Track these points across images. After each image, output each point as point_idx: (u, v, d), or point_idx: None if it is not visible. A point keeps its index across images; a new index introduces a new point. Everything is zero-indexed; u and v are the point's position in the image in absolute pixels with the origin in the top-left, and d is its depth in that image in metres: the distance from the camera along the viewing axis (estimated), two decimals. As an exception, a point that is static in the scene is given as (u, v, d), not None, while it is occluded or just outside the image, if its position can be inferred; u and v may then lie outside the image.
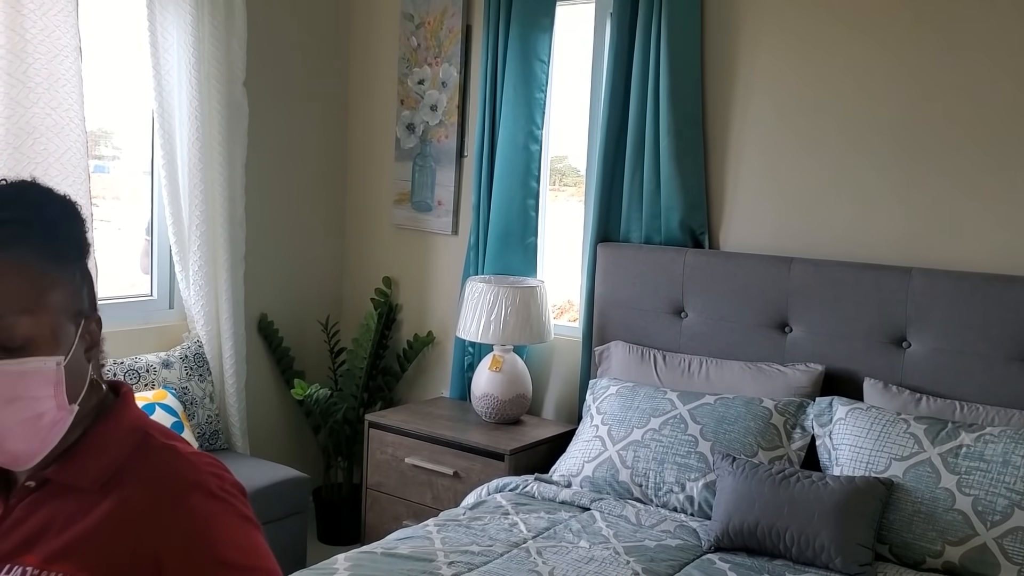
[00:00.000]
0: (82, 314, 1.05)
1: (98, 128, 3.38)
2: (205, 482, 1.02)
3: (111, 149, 3.48)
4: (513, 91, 3.36)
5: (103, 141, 3.46)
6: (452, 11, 3.61)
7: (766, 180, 3.01)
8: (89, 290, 1.08)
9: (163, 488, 1.01)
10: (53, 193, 1.06)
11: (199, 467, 1.04)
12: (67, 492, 1.03)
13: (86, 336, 1.05)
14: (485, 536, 2.43)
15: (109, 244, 3.33)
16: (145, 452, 1.05)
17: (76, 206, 1.07)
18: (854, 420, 2.56)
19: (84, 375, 1.05)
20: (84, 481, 1.02)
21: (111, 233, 3.44)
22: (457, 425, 3.21)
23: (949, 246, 2.72)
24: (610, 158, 3.19)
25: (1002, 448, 2.33)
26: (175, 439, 1.09)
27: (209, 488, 1.02)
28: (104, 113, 3.31)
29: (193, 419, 3.21)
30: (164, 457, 1.04)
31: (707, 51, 3.07)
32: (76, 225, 1.07)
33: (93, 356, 1.07)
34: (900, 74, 2.77)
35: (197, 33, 3.22)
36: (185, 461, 1.04)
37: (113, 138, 3.47)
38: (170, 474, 1.02)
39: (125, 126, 3.45)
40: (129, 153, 3.51)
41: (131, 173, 3.54)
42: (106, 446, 1.05)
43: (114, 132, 3.45)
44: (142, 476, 1.02)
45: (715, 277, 2.98)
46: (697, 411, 2.74)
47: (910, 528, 2.32)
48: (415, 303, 3.82)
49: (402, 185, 3.80)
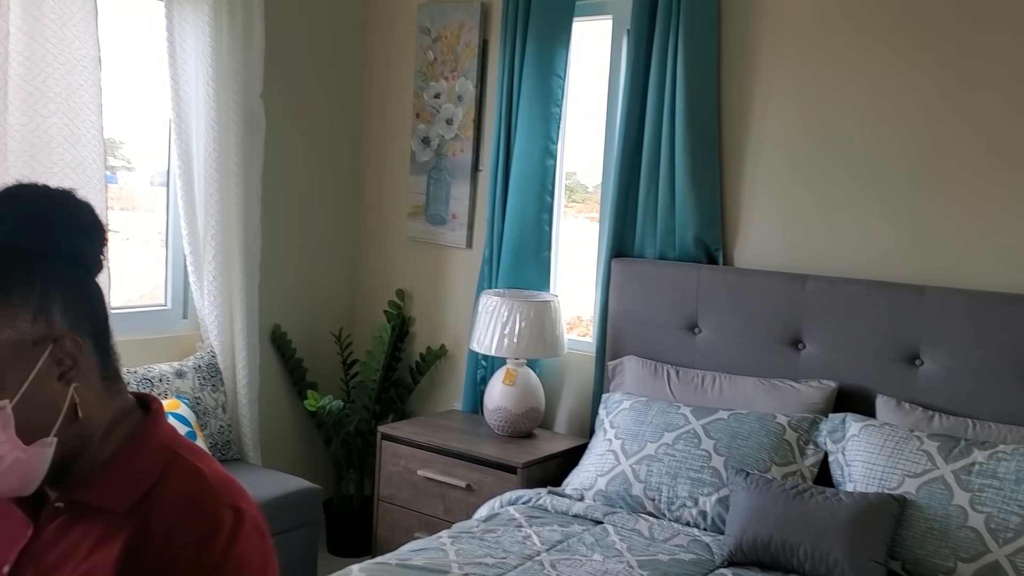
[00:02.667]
0: (48, 339, 0.97)
1: (108, 138, 3.41)
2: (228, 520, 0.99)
3: (120, 160, 3.50)
4: (529, 106, 3.39)
5: (113, 151, 3.49)
6: (469, 25, 3.64)
7: (781, 197, 3.03)
8: (66, 306, 0.99)
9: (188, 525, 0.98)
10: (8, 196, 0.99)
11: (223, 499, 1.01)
12: (96, 513, 1.01)
13: (59, 361, 0.98)
14: (499, 548, 2.44)
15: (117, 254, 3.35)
16: (173, 476, 1.02)
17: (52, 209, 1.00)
18: (867, 437, 2.56)
19: (58, 403, 0.99)
20: (112, 504, 1.00)
21: (119, 243, 3.46)
22: (469, 438, 3.22)
23: (964, 265, 2.73)
24: (625, 173, 3.21)
25: (1015, 466, 2.34)
26: (203, 459, 1.06)
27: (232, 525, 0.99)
28: (116, 123, 3.33)
29: (206, 429, 3.23)
30: (190, 486, 1.01)
31: (724, 68, 3.10)
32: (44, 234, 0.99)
33: (78, 378, 1.00)
34: (917, 93, 2.79)
35: (215, 44, 3.25)
36: (211, 492, 1.01)
37: (123, 149, 3.50)
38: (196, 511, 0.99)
39: (137, 136, 3.48)
40: (140, 163, 3.54)
41: (141, 183, 3.56)
42: (135, 468, 1.02)
43: (124, 142, 3.48)
44: (168, 504, 1.00)
45: (729, 293, 2.99)
46: (711, 426, 2.75)
47: (923, 545, 2.33)
48: (428, 316, 3.84)
49: (417, 198, 3.82)
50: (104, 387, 1.04)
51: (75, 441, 1.01)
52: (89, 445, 1.03)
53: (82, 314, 1.01)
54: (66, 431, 1.00)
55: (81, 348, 1.00)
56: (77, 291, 1.02)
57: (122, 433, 1.05)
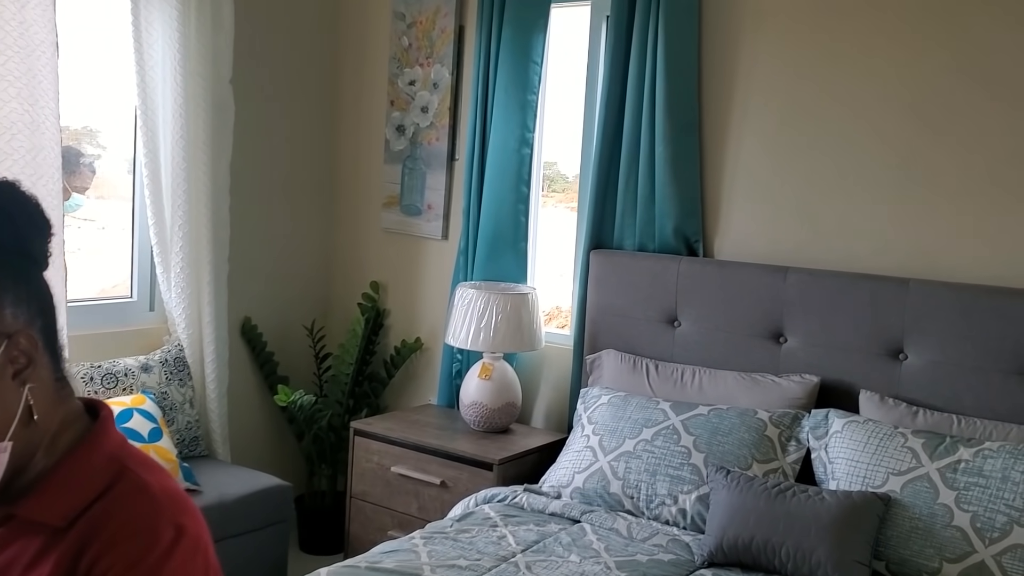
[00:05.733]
0: (1, 335, 0.92)
1: (83, 126, 3.31)
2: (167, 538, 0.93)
3: (96, 147, 3.39)
4: (505, 94, 3.31)
5: (89, 139, 3.37)
6: (445, 11, 3.55)
7: (762, 188, 2.97)
8: (18, 301, 0.93)
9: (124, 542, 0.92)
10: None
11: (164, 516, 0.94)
12: (37, 527, 0.95)
13: (13, 359, 0.92)
14: (473, 550, 2.36)
15: (93, 243, 3.25)
16: (118, 490, 0.96)
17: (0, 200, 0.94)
18: (850, 433, 2.50)
19: (12, 405, 0.93)
20: (52, 519, 0.94)
21: (94, 232, 3.35)
22: (444, 433, 3.14)
23: (948, 258, 2.68)
24: (604, 163, 3.14)
25: (1001, 463, 2.29)
26: (152, 471, 1.00)
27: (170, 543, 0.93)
28: (89, 110, 3.22)
29: (172, 425, 3.13)
30: (133, 501, 0.95)
31: (704, 56, 3.03)
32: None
33: (32, 377, 0.94)
34: (900, 84, 2.73)
35: (183, 29, 3.14)
36: (154, 508, 0.95)
37: (99, 136, 3.39)
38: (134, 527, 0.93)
39: (110, 123, 3.37)
40: (113, 151, 3.43)
41: (115, 171, 3.45)
42: (78, 480, 0.96)
43: (100, 130, 3.37)
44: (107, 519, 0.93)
45: (709, 286, 2.93)
46: (690, 422, 2.68)
47: (908, 545, 2.27)
48: (403, 308, 3.75)
49: (391, 188, 3.73)
50: (55, 389, 0.98)
51: (26, 447, 0.95)
52: (37, 452, 0.97)
53: (34, 310, 0.95)
54: (20, 435, 0.93)
55: (36, 346, 0.94)
56: (28, 286, 0.95)
57: (68, 440, 0.99)
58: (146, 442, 2.85)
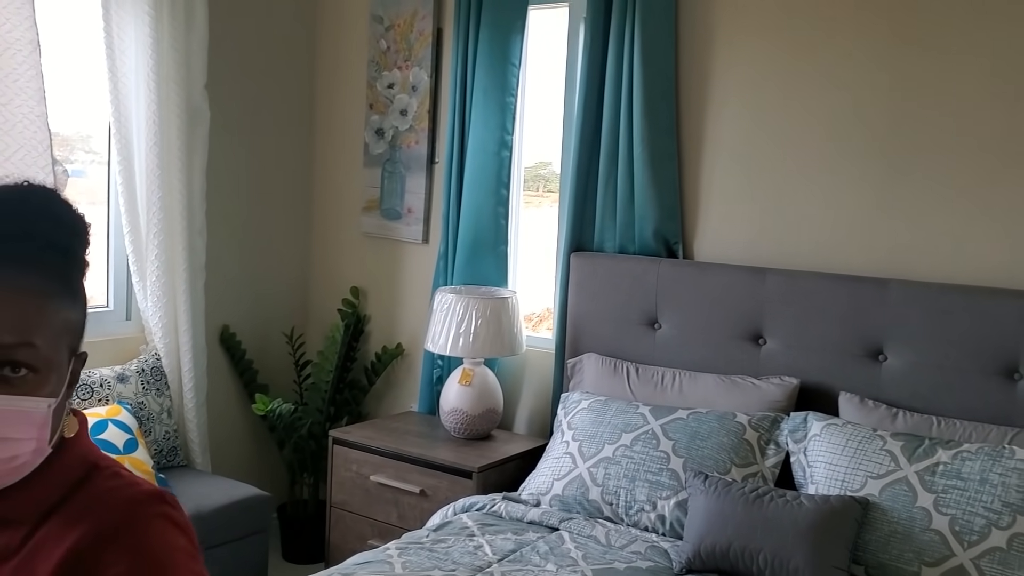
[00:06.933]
0: (76, 349, 0.96)
1: (75, 132, 3.27)
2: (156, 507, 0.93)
3: (89, 153, 3.36)
4: (484, 96, 3.28)
5: (81, 144, 3.34)
6: (423, 14, 3.52)
7: (741, 190, 2.94)
8: (81, 308, 0.97)
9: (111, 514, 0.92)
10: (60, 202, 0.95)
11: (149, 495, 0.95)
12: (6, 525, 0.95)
13: (74, 373, 0.96)
14: (448, 560, 2.33)
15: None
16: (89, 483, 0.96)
17: (83, 219, 0.97)
18: (829, 436, 2.48)
19: (62, 415, 0.96)
20: (22, 515, 0.94)
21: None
22: (425, 441, 3.11)
23: (927, 258, 2.66)
24: (584, 166, 3.11)
25: (979, 466, 2.26)
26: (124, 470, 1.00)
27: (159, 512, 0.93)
28: (64, 116, 3.18)
29: (149, 435, 3.10)
30: (113, 485, 0.96)
31: (681, 59, 3.00)
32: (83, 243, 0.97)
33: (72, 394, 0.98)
34: (879, 84, 2.71)
35: (156, 33, 3.11)
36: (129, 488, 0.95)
37: (91, 142, 3.36)
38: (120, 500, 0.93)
39: (85, 129, 3.33)
40: (89, 157, 3.39)
41: (91, 178, 3.41)
42: (49, 481, 0.96)
43: (92, 136, 3.33)
44: (88, 504, 0.93)
45: (689, 288, 2.90)
46: (669, 426, 2.66)
47: (886, 549, 2.25)
48: (384, 314, 3.72)
49: (371, 192, 3.70)
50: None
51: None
52: None
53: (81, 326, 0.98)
54: None
55: (84, 364, 0.98)
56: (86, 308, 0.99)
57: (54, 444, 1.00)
58: (121, 454, 2.82)
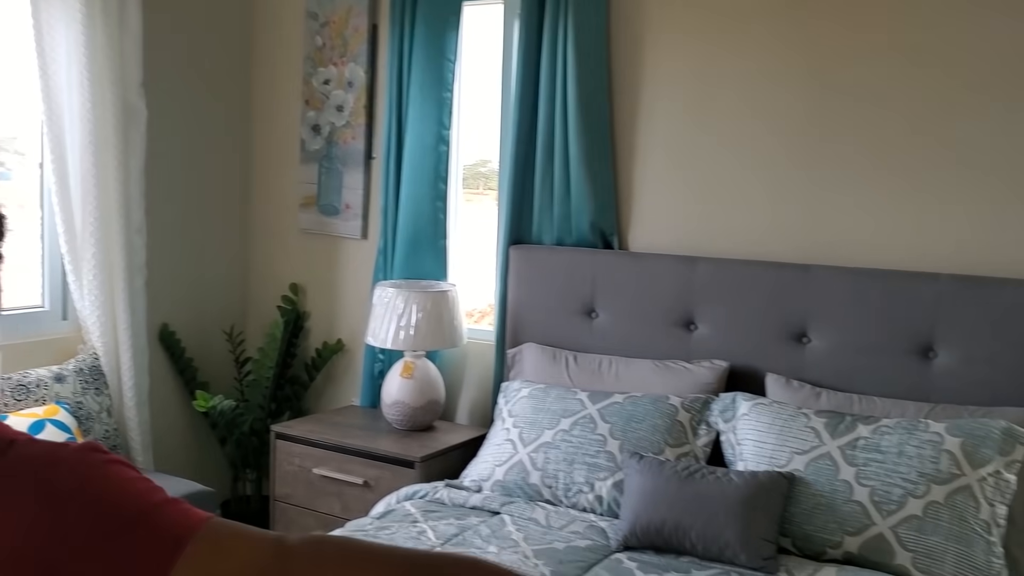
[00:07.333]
0: None
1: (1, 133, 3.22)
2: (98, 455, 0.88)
3: (14, 155, 3.30)
4: (420, 91, 3.32)
5: (6, 146, 3.29)
6: (357, 10, 3.55)
7: (673, 181, 3.04)
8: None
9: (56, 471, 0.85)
10: None
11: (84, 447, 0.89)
12: None
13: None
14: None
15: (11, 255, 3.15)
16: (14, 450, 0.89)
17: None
18: (757, 415, 2.59)
19: None
20: None
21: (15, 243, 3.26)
22: (367, 433, 3.15)
23: (846, 244, 2.78)
24: (521, 160, 3.17)
25: (897, 439, 2.39)
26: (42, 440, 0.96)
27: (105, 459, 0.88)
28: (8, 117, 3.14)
29: (89, 434, 3.07)
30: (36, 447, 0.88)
31: (614, 53, 3.08)
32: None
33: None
34: (802, 75, 2.82)
35: (89, 31, 3.08)
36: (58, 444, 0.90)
37: (17, 143, 3.30)
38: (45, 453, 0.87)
39: (28, 130, 3.29)
40: (32, 158, 3.34)
41: (31, 180, 3.36)
42: None
43: (17, 136, 3.29)
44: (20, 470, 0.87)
45: (624, 277, 2.99)
46: (606, 410, 2.74)
47: (811, 520, 2.36)
48: (323, 310, 3.74)
49: (308, 188, 3.72)
50: None
51: None
52: None
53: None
54: None
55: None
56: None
57: None
58: (59, 453, 2.80)
